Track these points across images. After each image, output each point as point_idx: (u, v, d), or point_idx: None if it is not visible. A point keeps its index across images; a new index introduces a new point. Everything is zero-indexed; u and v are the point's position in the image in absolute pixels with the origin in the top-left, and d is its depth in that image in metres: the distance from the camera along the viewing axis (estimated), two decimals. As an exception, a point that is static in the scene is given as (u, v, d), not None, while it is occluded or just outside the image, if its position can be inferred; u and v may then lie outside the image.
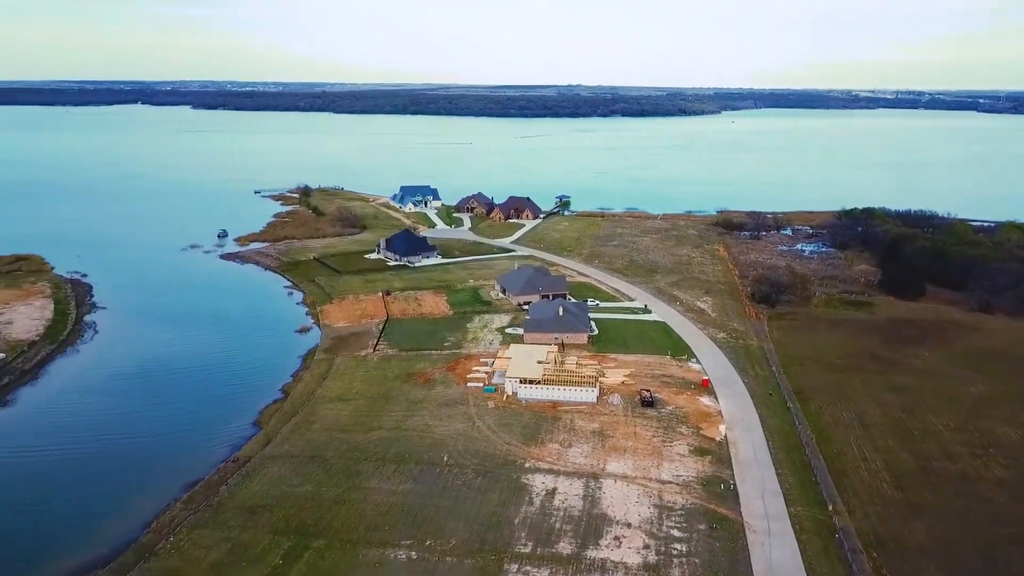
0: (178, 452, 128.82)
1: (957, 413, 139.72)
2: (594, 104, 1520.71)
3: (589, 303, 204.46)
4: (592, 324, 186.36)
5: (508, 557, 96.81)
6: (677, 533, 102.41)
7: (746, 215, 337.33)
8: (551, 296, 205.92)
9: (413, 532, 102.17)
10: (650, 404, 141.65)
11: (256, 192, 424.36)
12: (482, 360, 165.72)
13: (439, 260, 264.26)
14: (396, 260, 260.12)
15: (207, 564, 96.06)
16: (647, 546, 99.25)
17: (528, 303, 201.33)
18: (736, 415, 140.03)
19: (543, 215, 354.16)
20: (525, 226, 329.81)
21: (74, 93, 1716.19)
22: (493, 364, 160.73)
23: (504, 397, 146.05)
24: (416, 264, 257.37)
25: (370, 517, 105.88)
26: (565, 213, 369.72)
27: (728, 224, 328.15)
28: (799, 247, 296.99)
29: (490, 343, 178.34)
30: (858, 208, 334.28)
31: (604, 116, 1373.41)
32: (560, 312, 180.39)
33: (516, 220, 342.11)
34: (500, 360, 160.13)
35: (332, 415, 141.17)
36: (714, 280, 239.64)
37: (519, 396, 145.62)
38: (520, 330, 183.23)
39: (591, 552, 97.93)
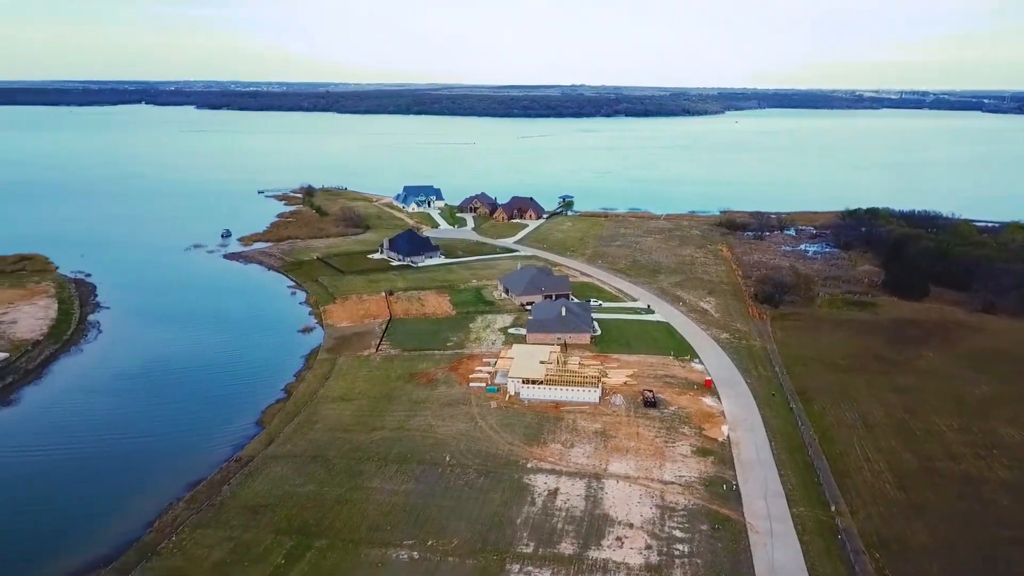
0: (181, 452, 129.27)
1: (961, 414, 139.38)
2: (598, 104, 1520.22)
3: (592, 303, 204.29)
4: (595, 324, 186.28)
5: (510, 557, 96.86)
6: (679, 534, 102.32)
7: (749, 215, 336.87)
8: (554, 296, 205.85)
9: (415, 532, 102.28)
10: (653, 404, 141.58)
11: (260, 192, 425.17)
12: (485, 360, 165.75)
13: (442, 260, 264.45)
14: (399, 260, 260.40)
15: (209, 563, 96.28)
16: (649, 547, 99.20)
17: (531, 303, 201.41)
18: (739, 416, 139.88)
19: (546, 215, 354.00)
20: (528, 226, 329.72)
21: (78, 93, 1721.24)
22: (496, 364, 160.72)
23: (507, 397, 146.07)
24: (419, 264, 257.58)
25: (372, 517, 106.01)
26: (568, 213, 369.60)
27: (731, 224, 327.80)
28: (803, 247, 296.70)
29: (493, 343, 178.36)
30: (862, 208, 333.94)
31: (608, 116, 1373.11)
32: (563, 312, 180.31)
33: (519, 220, 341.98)
34: (503, 360, 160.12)
35: (335, 415, 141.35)
36: (717, 280, 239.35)
37: (522, 396, 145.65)
38: (523, 330, 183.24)
39: (593, 552, 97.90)
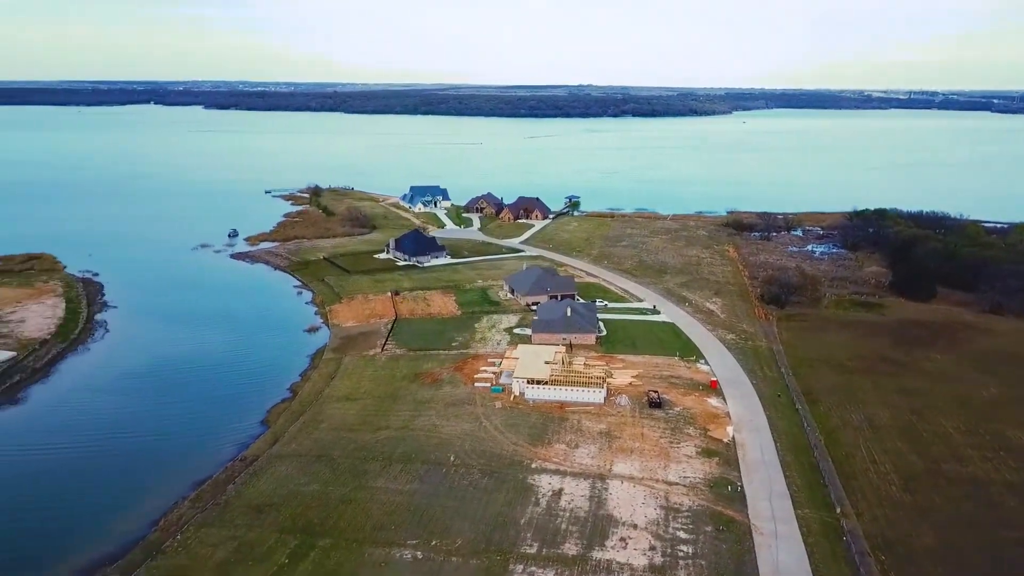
0: (186, 451, 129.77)
1: (967, 416, 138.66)
2: (605, 104, 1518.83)
3: (597, 304, 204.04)
4: (600, 325, 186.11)
5: (514, 557, 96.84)
6: (683, 535, 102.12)
7: (756, 216, 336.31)
8: (559, 296, 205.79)
9: (419, 532, 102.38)
10: (658, 405, 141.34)
11: (266, 192, 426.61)
12: (490, 360, 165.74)
13: (448, 260, 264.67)
14: (405, 260, 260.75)
15: (214, 562, 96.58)
16: (653, 547, 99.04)
17: (536, 303, 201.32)
18: (744, 416, 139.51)
19: (552, 215, 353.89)
20: (534, 226, 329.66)
21: (87, 93, 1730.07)
22: (501, 364, 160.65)
23: (511, 397, 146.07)
24: (425, 264, 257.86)
25: (376, 516, 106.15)
26: (575, 213, 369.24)
27: (738, 225, 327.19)
28: (809, 248, 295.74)
29: (498, 343, 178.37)
30: (869, 209, 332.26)
31: (615, 116, 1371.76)
32: (568, 313, 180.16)
33: (525, 220, 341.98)
34: (508, 360, 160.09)
35: (340, 414, 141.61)
36: (723, 281, 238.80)
37: (526, 396, 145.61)
38: (528, 330, 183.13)
39: (597, 553, 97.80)
